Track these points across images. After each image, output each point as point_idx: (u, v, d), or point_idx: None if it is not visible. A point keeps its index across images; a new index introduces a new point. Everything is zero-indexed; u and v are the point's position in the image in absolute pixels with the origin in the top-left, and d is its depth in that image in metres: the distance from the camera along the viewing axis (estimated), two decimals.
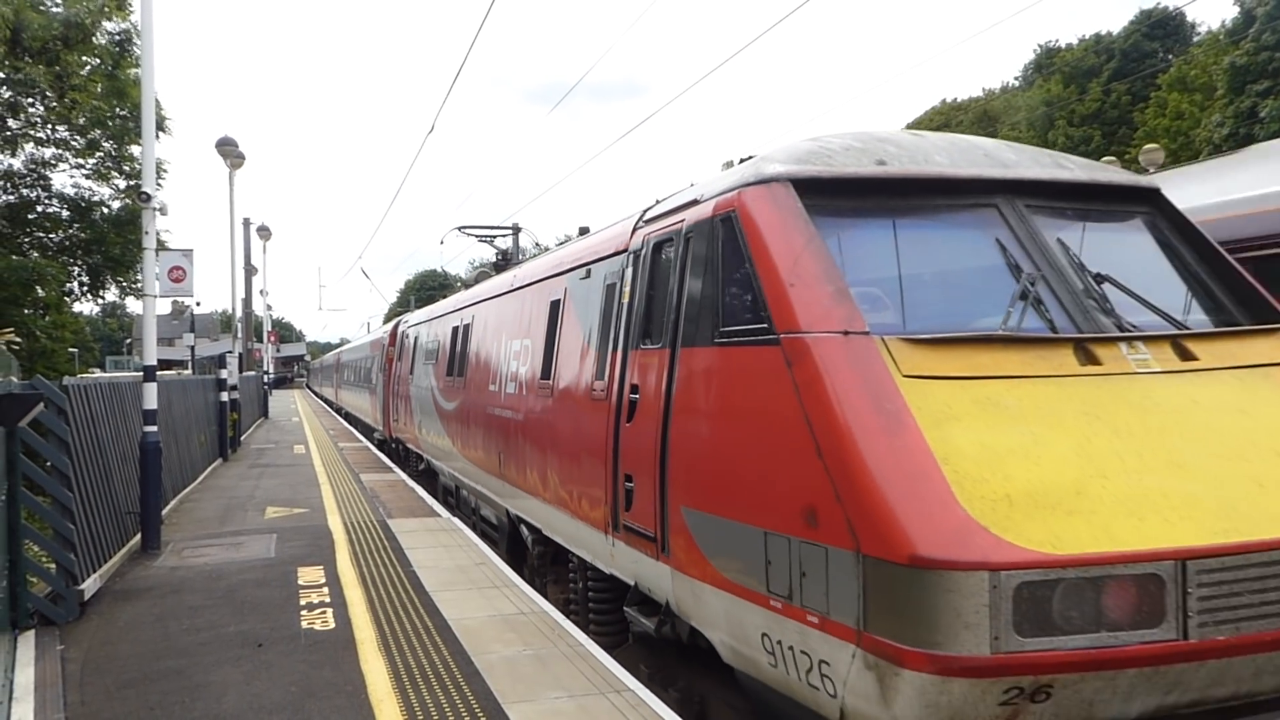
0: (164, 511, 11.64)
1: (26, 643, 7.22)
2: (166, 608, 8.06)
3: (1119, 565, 3.50)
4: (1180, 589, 3.54)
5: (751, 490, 4.63)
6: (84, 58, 15.12)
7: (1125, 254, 5.28)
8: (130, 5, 15.39)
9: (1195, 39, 64.85)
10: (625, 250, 6.95)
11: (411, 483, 16.06)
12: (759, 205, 4.98)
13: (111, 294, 19.61)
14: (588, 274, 7.76)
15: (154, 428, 10.59)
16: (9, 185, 16.40)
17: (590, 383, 7.14)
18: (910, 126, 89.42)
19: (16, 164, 16.68)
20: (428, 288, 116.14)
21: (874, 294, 4.68)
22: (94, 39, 14.53)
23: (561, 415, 7.85)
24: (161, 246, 12.57)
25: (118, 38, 15.48)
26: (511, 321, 10.16)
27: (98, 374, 44.90)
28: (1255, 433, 4.15)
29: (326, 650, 6.70)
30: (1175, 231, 5.51)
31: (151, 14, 10.83)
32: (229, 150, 21.81)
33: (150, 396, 10.55)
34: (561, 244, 10.05)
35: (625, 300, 6.71)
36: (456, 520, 12.16)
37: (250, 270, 36.43)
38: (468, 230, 16.93)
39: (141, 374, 10.86)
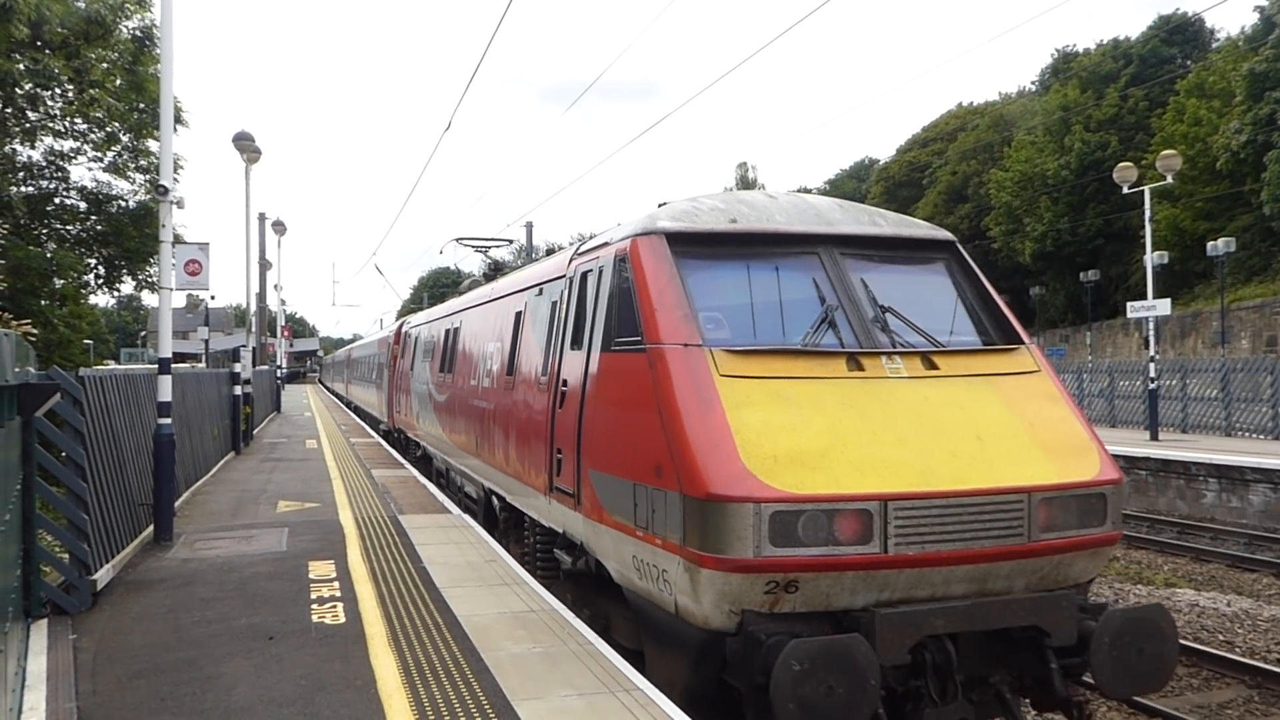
0: (177, 504, 11.69)
1: (39, 631, 7.26)
2: (178, 599, 8.10)
3: (841, 503, 5.33)
4: (884, 520, 5.35)
5: (627, 454, 6.40)
6: (104, 52, 15.20)
7: (924, 290, 7.10)
8: (150, 2, 15.47)
9: (1214, 45, 64.41)
10: (564, 276, 8.70)
11: (423, 479, 16.09)
12: (642, 252, 6.81)
13: (127, 286, 19.68)
14: (540, 292, 9.53)
15: (168, 420, 10.64)
16: (28, 177, 16.49)
17: (537, 378, 8.89)
18: (926, 130, 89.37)
19: (35, 156, 16.80)
20: (440, 285, 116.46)
21: (716, 317, 6.47)
22: (114, 34, 14.60)
23: (518, 405, 9.60)
24: (178, 240, 12.63)
25: (137, 33, 15.57)
26: (488, 327, 11.86)
27: (112, 366, 45.13)
28: (963, 421, 5.95)
29: (337, 644, 6.72)
30: (964, 274, 7.36)
31: (171, 11, 10.88)
32: (246, 145, 21.91)
33: (165, 389, 10.61)
34: (549, 253, 11.91)
35: (562, 314, 8.46)
36: (467, 517, 12.18)
37: (265, 265, 36.55)
38: (465, 241, 18.39)
39: (156, 366, 10.92)
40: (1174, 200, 52.65)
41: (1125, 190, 25.39)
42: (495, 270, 16.10)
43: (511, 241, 21.07)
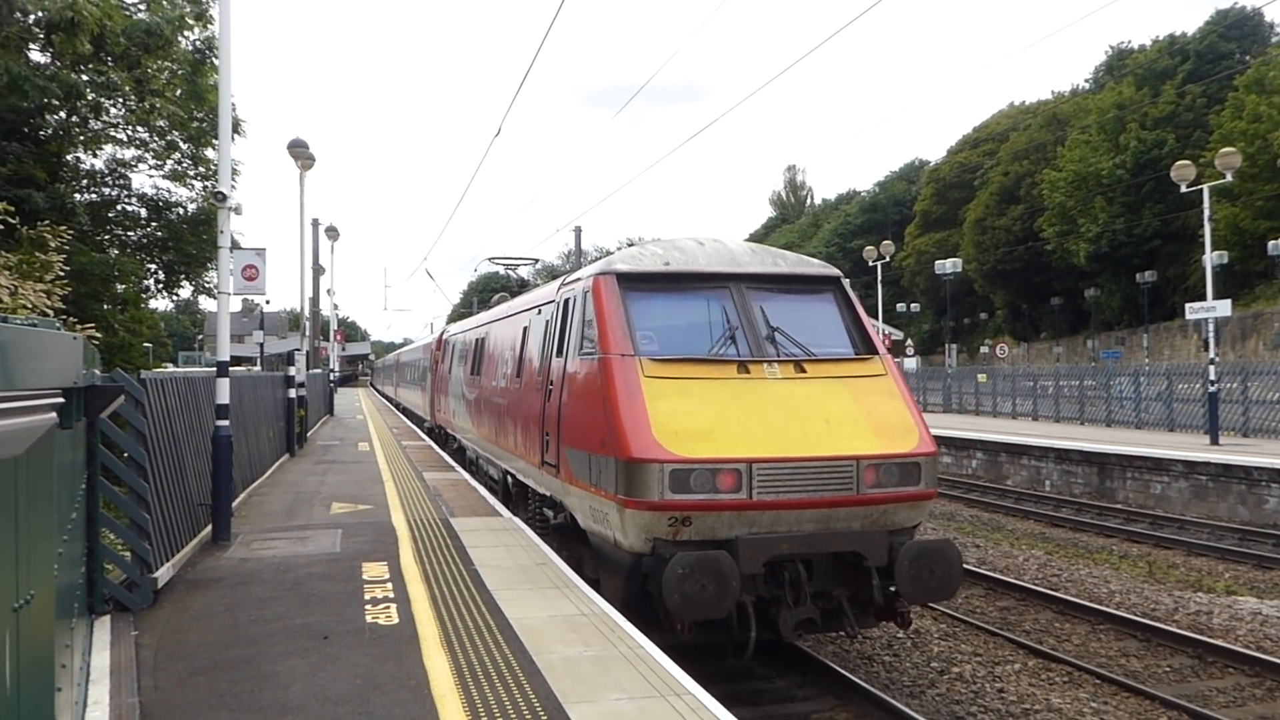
0: (234, 504, 11.86)
1: (103, 627, 7.42)
2: (236, 598, 8.23)
3: (720, 464, 7.61)
4: (749, 476, 7.62)
5: (585, 434, 8.75)
6: (164, 64, 15.52)
7: (811, 314, 9.33)
8: (210, 16, 15.76)
9: (1274, 39, 62.93)
10: (554, 300, 10.95)
11: (473, 482, 16.20)
12: (601, 287, 9.11)
13: (186, 291, 20.07)
14: (539, 312, 11.76)
15: (226, 422, 10.81)
16: (91, 184, 16.89)
17: (535, 379, 11.22)
18: (977, 130, 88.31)
19: (98, 164, 17.20)
20: (491, 289, 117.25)
21: (649, 334, 8.74)
22: (174, 46, 14.91)
23: (523, 401, 11.86)
24: (235, 245, 12.84)
25: (198, 44, 15.88)
26: (504, 338, 14.16)
27: (171, 369, 46.00)
28: (817, 409, 8.18)
29: (390, 644, 6.78)
30: (844, 302, 9.59)
31: (229, 24, 11.07)
32: (300, 152, 22.21)
33: (223, 391, 10.79)
34: (554, 277, 13.96)
35: (553, 330, 10.73)
36: (518, 520, 12.24)
37: (318, 270, 37.02)
38: (496, 260, 20.46)
39: (214, 369, 11.11)
40: (1233, 199, 51.52)
41: (1183, 189, 24.87)
42: (520, 287, 18.49)
43: (536, 261, 24.63)
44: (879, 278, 37.97)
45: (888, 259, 38.36)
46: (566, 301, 10.28)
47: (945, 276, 57.67)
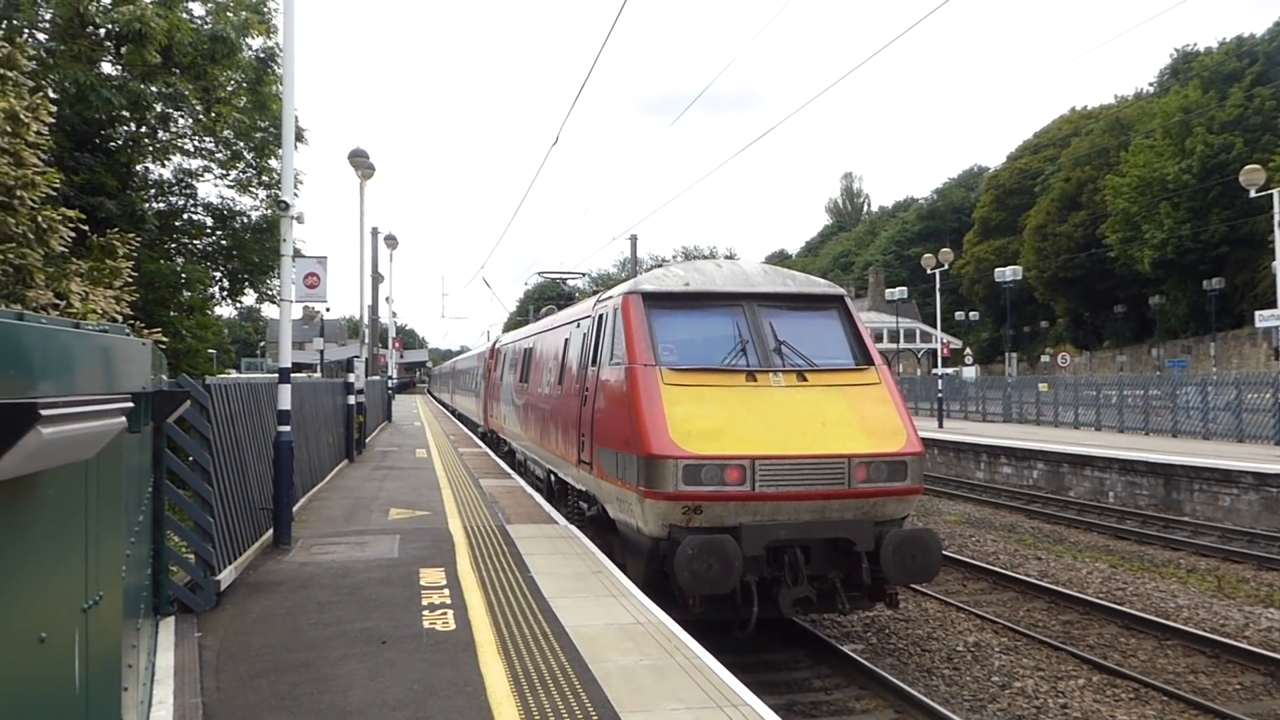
0: (295, 509, 12.02)
1: (167, 628, 7.55)
2: (296, 602, 8.32)
3: (727, 460, 8.62)
4: (753, 471, 8.63)
5: (613, 434, 9.87)
6: (229, 73, 15.82)
7: (816, 329, 10.37)
8: (274, 25, 16.04)
9: None
10: (590, 315, 12.19)
11: (529, 489, 16.26)
12: (629, 305, 10.24)
13: (249, 298, 20.40)
14: (579, 325, 12.91)
15: (287, 428, 10.96)
16: (159, 194, 17.26)
17: (574, 386, 12.42)
18: (1038, 135, 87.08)
19: (166, 174, 17.57)
20: (546, 297, 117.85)
21: (670, 346, 9.83)
22: (239, 54, 15.20)
23: (564, 406, 13.02)
24: (298, 254, 13.04)
25: (260, 54, 16.17)
26: (548, 348, 15.34)
27: (233, 374, 46.77)
28: (815, 414, 9.19)
29: (447, 650, 6.81)
30: (846, 318, 10.67)
31: (293, 33, 11.25)
32: (360, 161, 22.51)
33: (284, 397, 10.94)
34: (594, 293, 15.24)
35: (589, 342, 11.88)
36: (573, 528, 12.25)
37: (377, 278, 37.44)
38: (545, 273, 22.31)
39: (276, 375, 11.27)
40: None
41: (1252, 194, 24.27)
42: (568, 300, 19.78)
43: (584, 275, 26.71)
44: (937, 285, 37.49)
45: (946, 267, 37.89)
46: (600, 317, 11.52)
47: (1005, 284, 56.79)
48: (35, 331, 2.27)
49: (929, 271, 37.94)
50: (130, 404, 2.97)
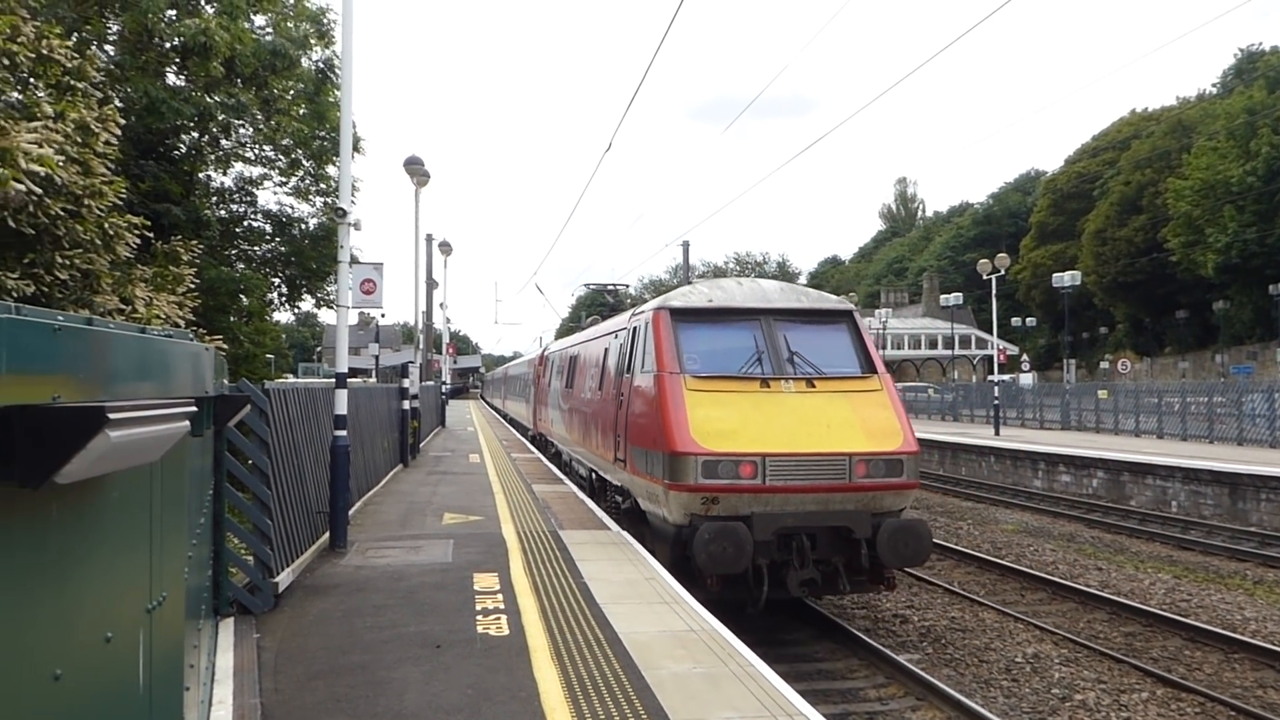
0: (350, 512, 12.15)
1: (226, 629, 7.65)
2: (352, 605, 8.40)
3: (741, 457, 9.62)
4: (764, 466, 9.63)
5: (644, 434, 10.96)
6: (288, 83, 16.08)
7: (827, 341, 11.38)
8: (332, 35, 16.28)
9: None
10: (626, 328, 13.36)
11: (582, 495, 16.29)
12: (658, 319, 11.42)
13: (307, 304, 20.69)
14: (616, 336, 14.14)
15: (344, 432, 11.08)
16: (220, 201, 17.59)
17: (611, 391, 13.58)
18: (1097, 138, 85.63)
19: (227, 181, 17.91)
20: (596, 304, 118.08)
21: (694, 356, 10.90)
22: (299, 66, 15.44)
23: (603, 410, 14.15)
24: (354, 260, 13.20)
25: (320, 64, 16.42)
26: (590, 357, 16.54)
27: (291, 379, 47.47)
28: (820, 416, 10.17)
29: (501, 656, 6.83)
30: (854, 331, 11.65)
31: (351, 44, 11.40)
32: (415, 169, 22.75)
33: (341, 402, 11.07)
34: (633, 304, 17.42)
35: (625, 351, 13.10)
36: (626, 535, 12.24)
37: (431, 284, 37.79)
38: (591, 285, 23.65)
39: (333, 380, 11.40)
40: None
41: None
42: (612, 310, 21.15)
43: (627, 286, 28.59)
44: (993, 291, 36.97)
45: (1002, 272, 37.34)
46: (635, 329, 12.69)
47: (1063, 289, 55.87)
48: (103, 336, 2.30)
49: (985, 277, 37.44)
50: (193, 408, 3.01)
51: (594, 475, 16.03)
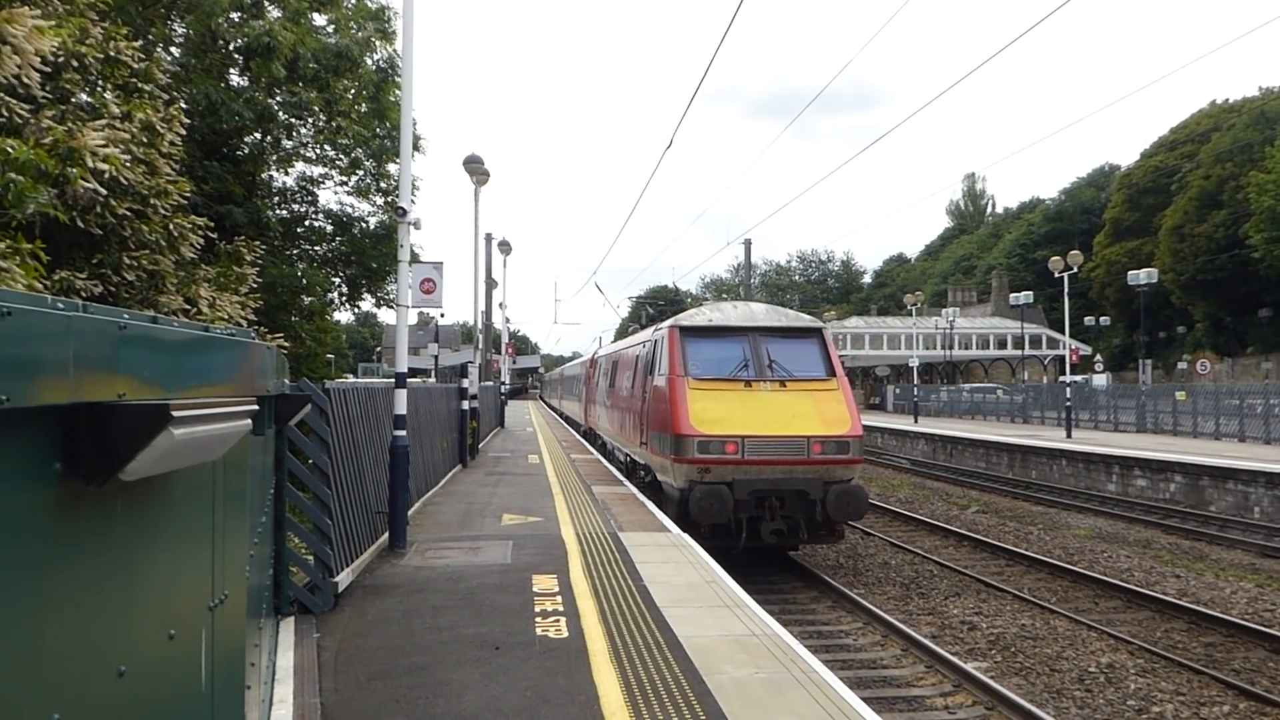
0: (409, 513, 12.28)
1: (287, 628, 7.78)
2: (411, 605, 8.49)
3: (727, 437, 13.53)
4: (743, 445, 13.52)
5: (659, 421, 14.91)
6: (349, 83, 16.29)
7: (800, 352, 14.90)
8: (393, 32, 16.45)
9: None
10: (652, 339, 16.93)
11: (642, 497, 16.31)
12: (671, 335, 15.08)
13: (367, 304, 20.93)
14: (644, 346, 17.74)
15: (403, 432, 11.20)
16: (281, 201, 17.86)
17: (640, 390, 17.21)
18: (1175, 131, 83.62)
19: (289, 181, 18.17)
20: (657, 304, 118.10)
21: (696, 364, 14.53)
22: (361, 66, 15.62)
23: (634, 405, 18.04)
24: (415, 259, 13.33)
25: (381, 63, 16.60)
26: (627, 361, 20.65)
27: (351, 379, 48.12)
28: (788, 409, 13.92)
29: (560, 658, 6.84)
30: (823, 344, 15.18)
31: (412, 43, 11.53)
32: (475, 168, 22.93)
33: (401, 402, 11.19)
34: (676, 307, 21.20)
35: (647, 358, 16.81)
36: (687, 537, 12.22)
37: (490, 284, 38.05)
38: (637, 297, 28.17)
39: (392, 380, 11.54)
40: None
41: None
42: (652, 320, 26.27)
43: (678, 293, 33.70)
44: (1065, 289, 36.24)
45: (1075, 270, 36.62)
46: (656, 341, 16.52)
47: (1139, 288, 54.57)
48: (168, 335, 2.34)
49: (1056, 275, 36.74)
50: (255, 407, 3.05)
51: (629, 459, 20.13)
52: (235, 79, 14.77)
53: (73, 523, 1.83)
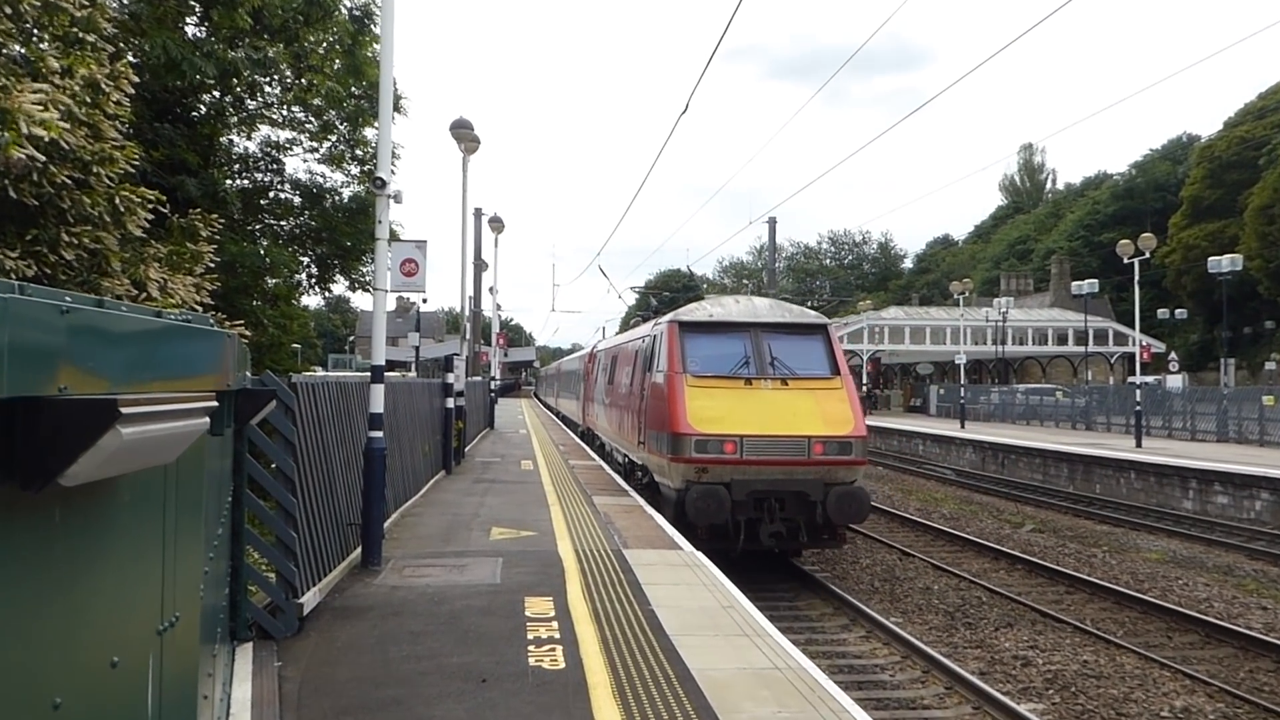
0: (385, 525, 12.30)
1: (244, 655, 7.79)
2: (386, 630, 8.51)
3: (725, 437, 14.86)
4: (742, 444, 14.84)
5: (656, 419, 16.45)
6: (322, 35, 16.32)
7: (804, 349, 16.46)
8: None
9: None
10: (650, 335, 18.39)
11: (650, 509, 16.33)
12: (669, 331, 16.67)
13: (339, 287, 20.98)
14: (644, 341, 19.10)
15: (380, 433, 11.23)
16: (243, 169, 17.92)
17: (638, 387, 18.65)
18: (1263, 97, 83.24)
19: (252, 147, 18.23)
20: (670, 289, 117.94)
21: (695, 360, 16.04)
22: (335, 15, 15.66)
23: (632, 403, 19.44)
24: (394, 237, 13.33)
25: (357, 12, 16.63)
26: (626, 356, 22.08)
27: (320, 372, 48.17)
28: (789, 408, 15.30)
29: (555, 692, 6.85)
30: (828, 341, 16.71)
31: None
32: (464, 134, 22.98)
33: (377, 399, 11.21)
34: (682, 298, 23.21)
35: (646, 354, 18.29)
36: (700, 555, 12.24)
37: (480, 265, 38.10)
38: (636, 288, 31.49)
39: (368, 374, 11.55)
40: None
41: None
42: (654, 313, 27.16)
43: (683, 284, 35.16)
44: (1135, 277, 36.12)
45: (1147, 255, 36.51)
46: (655, 336, 18.02)
47: (1221, 276, 54.45)
48: (116, 320, 2.34)
49: (1125, 261, 36.66)
50: (214, 403, 3.05)
51: (626, 459, 21.60)
52: (193, 30, 14.80)
53: (5, 534, 1.82)
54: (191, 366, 3.27)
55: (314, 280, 19.41)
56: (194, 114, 15.38)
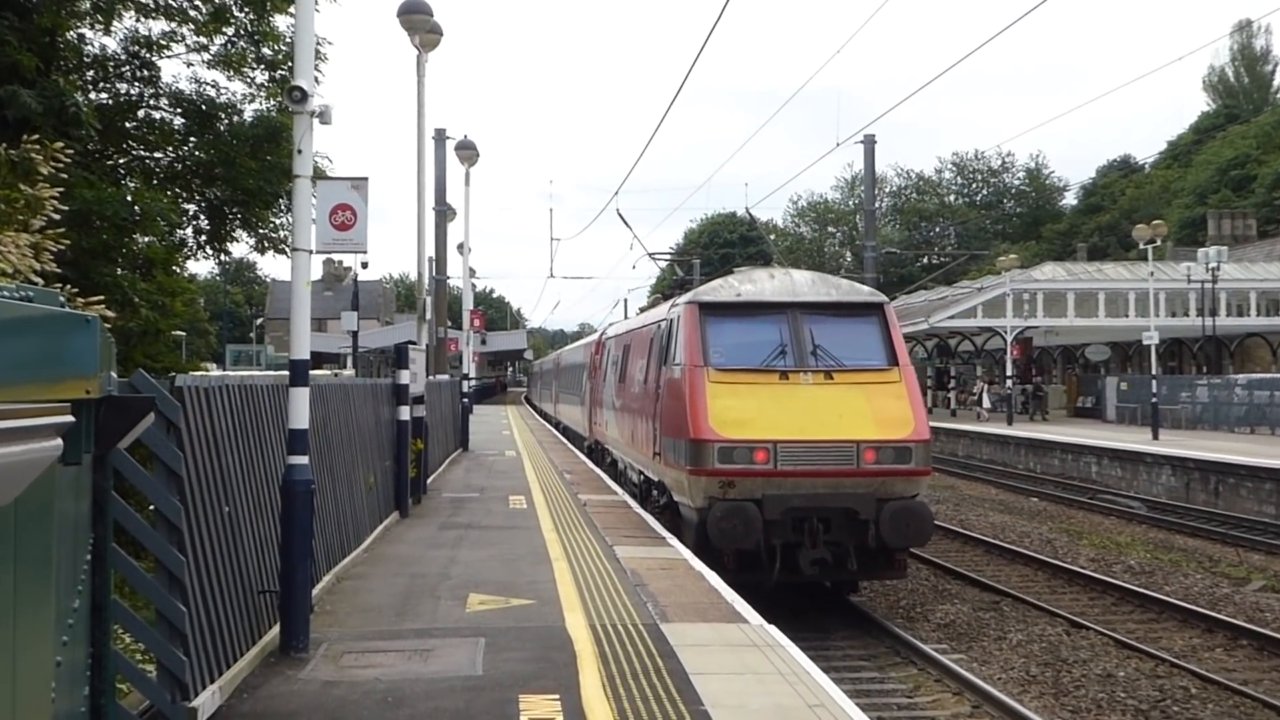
0: (315, 592, 12.29)
1: None
2: None
3: (755, 444, 18.03)
4: (775, 452, 17.93)
5: (672, 424, 20.02)
6: None
7: (854, 333, 19.86)
8: None
9: None
10: (666, 319, 22.16)
11: (699, 565, 16.34)
12: (685, 313, 20.36)
13: (241, 247, 20.96)
14: (659, 326, 22.61)
15: (304, 459, 11.20)
16: (100, 78, 17.84)
17: (650, 385, 22.66)
18: None
19: (112, 45, 18.13)
20: (722, 244, 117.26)
21: (720, 350, 19.39)
22: None
23: (645, 405, 23.10)
24: (321, 174, 13.31)
25: None
26: (639, 346, 25.39)
27: (215, 371, 47.70)
28: (833, 406, 18.50)
29: None
30: (884, 323, 19.97)
31: None
32: (417, 21, 22.90)
33: (300, 410, 11.18)
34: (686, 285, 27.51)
35: (661, 343, 22.11)
36: (772, 629, 12.20)
37: (445, 213, 37.86)
38: (674, 254, 37.50)
39: (285, 374, 11.53)
40: None
41: None
42: (678, 288, 30.44)
43: (699, 258, 37.72)
44: None
45: None
46: (671, 321, 20.64)
47: None
48: None
49: None
50: (69, 418, 3.03)
51: (641, 477, 24.91)
52: None
53: None
54: (31, 366, 3.24)
55: (204, 238, 19.40)
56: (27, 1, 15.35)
